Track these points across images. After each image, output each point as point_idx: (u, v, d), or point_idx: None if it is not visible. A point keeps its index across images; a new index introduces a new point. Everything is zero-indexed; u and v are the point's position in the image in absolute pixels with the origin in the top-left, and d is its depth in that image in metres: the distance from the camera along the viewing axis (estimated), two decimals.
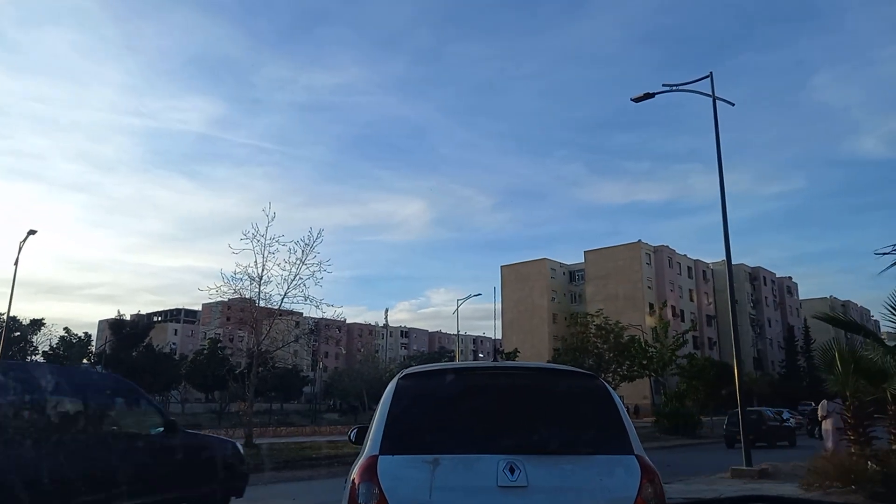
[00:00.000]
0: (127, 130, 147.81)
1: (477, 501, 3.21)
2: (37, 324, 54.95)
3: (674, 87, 14.72)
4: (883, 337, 10.13)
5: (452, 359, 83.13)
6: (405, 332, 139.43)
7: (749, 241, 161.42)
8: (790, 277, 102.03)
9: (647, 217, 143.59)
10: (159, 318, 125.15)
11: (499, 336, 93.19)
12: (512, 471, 3.22)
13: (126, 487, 6.47)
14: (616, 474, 3.31)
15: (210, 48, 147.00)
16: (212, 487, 7.76)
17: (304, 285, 19.06)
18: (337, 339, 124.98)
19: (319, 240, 19.49)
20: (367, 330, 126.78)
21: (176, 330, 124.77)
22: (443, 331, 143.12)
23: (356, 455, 3.83)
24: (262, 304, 18.81)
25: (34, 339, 56.21)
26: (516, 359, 57.38)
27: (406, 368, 4.10)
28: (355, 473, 3.37)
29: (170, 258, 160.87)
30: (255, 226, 18.89)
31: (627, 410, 4.76)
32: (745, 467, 11.90)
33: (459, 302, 43.60)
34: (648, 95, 15.00)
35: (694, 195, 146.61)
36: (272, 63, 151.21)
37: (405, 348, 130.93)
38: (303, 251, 19.02)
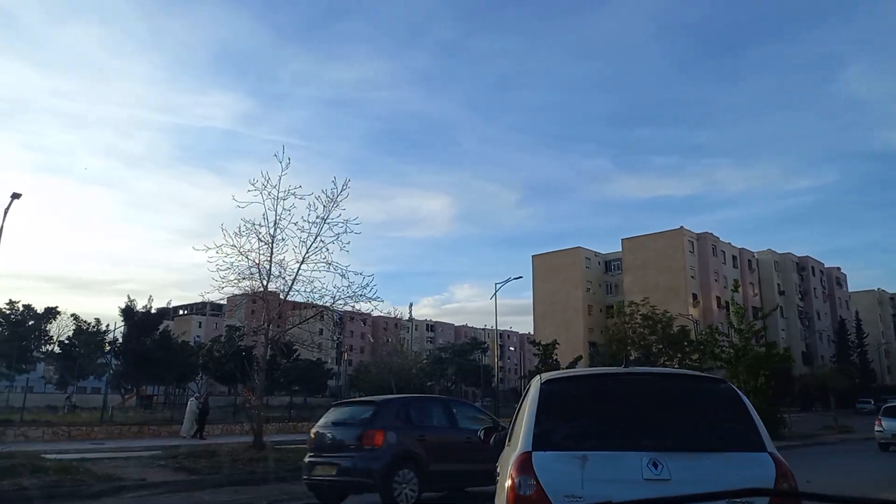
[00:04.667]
0: (153, 126, 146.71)
1: (625, 492, 3.38)
2: (51, 312, 52.50)
3: None
4: None
5: (485, 350, 79.54)
6: (431, 326, 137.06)
7: (780, 235, 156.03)
8: (839, 268, 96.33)
9: (674, 213, 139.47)
10: (184, 312, 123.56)
11: (526, 330, 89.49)
12: (655, 466, 3.49)
13: None
14: (752, 469, 3.55)
15: (234, 43, 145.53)
16: None
17: (327, 249, 15.46)
18: (363, 332, 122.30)
19: (345, 193, 15.79)
20: (393, 323, 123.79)
21: (200, 322, 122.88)
22: (469, 324, 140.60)
23: None
24: (274, 269, 15.29)
25: (49, 328, 53.80)
26: (555, 350, 53.51)
27: (541, 374, 4.32)
28: (512, 468, 3.65)
29: (196, 253, 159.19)
30: (265, 174, 15.34)
31: None
32: None
33: (498, 286, 39.93)
34: None
35: (722, 190, 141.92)
36: (295, 58, 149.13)
37: (430, 342, 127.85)
38: (325, 207, 15.41)
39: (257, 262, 14.95)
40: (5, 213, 22.47)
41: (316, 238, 15.30)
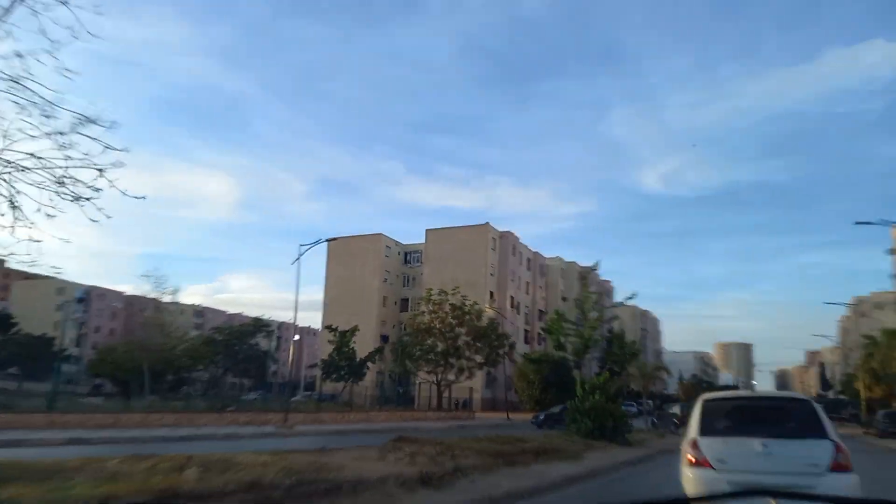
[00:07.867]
0: None
1: (746, 458, 7.07)
2: None
3: None
4: None
5: (270, 334, 70.92)
6: (200, 312, 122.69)
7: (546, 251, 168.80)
8: (609, 281, 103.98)
9: (459, 222, 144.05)
10: None
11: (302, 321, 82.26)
12: (764, 446, 7.03)
13: None
14: (822, 447, 6.97)
15: None
16: None
17: (19, 56, 7.25)
18: (114, 311, 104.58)
19: None
20: (153, 304, 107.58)
21: None
22: (244, 313, 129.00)
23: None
24: None
25: None
26: (354, 337, 47.48)
27: (705, 395, 8.49)
28: (687, 447, 7.61)
29: None
30: None
31: (457, 404, 36.80)
32: None
33: (303, 248, 32.54)
34: None
35: (504, 206, 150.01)
36: (73, 3, 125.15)
37: (198, 329, 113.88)
38: None
39: None
40: None
41: None
